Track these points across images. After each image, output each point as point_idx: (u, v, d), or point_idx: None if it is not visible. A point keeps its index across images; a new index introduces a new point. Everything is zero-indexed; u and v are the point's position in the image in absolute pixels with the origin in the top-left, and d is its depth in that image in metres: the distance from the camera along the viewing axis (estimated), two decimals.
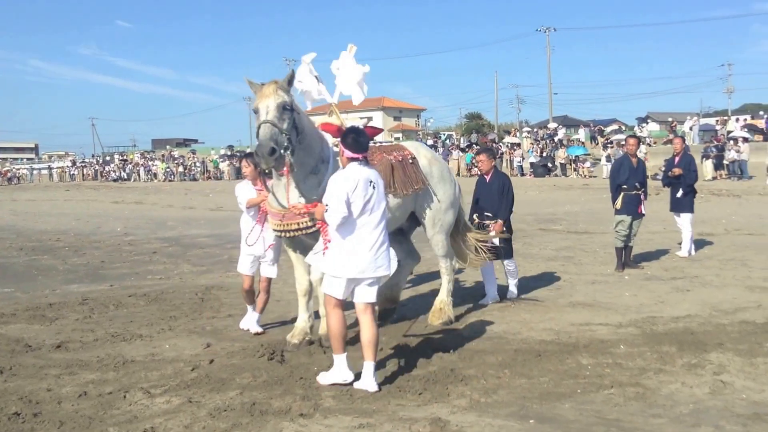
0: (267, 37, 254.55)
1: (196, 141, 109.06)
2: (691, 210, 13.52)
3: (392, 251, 6.59)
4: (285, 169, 7.10)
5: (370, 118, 12.83)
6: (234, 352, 7.61)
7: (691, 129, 49.24)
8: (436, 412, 5.67)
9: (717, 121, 56.89)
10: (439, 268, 9.06)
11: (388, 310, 8.82)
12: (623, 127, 64.11)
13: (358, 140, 6.41)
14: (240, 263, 8.60)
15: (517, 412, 5.67)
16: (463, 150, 47.15)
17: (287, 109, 6.94)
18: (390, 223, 7.58)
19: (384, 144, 9.19)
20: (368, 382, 6.30)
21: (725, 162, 34.96)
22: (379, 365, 6.85)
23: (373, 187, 6.33)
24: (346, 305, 6.62)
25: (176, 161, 66.45)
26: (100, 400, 6.21)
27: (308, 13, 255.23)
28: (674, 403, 5.76)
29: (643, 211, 12.27)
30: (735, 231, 16.83)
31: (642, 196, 12.20)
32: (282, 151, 6.79)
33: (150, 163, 68.70)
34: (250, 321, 8.61)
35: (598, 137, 55.25)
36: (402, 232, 9.00)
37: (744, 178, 33.74)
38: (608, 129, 61.10)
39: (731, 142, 35.59)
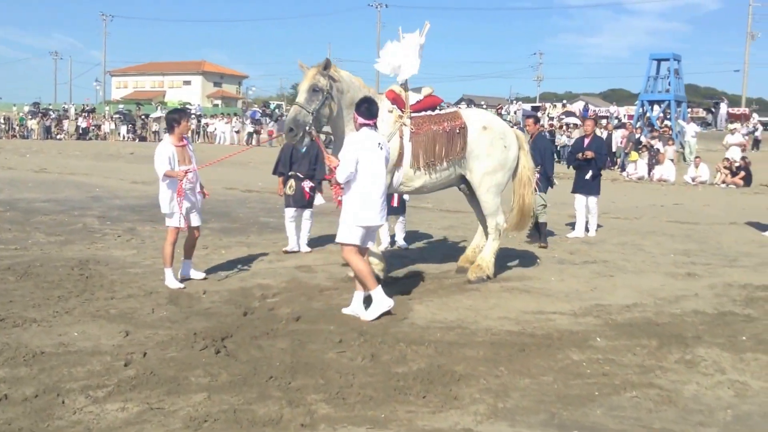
0: None
1: None
2: (598, 192, 13.57)
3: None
4: (315, 138, 8.27)
5: (431, 90, 12.45)
6: (164, 343, 6.44)
7: (515, 113, 50.88)
8: (460, 422, 4.89)
9: (539, 107, 59.26)
10: (488, 227, 9.47)
11: (466, 270, 9.50)
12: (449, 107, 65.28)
13: (370, 109, 7.47)
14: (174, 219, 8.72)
15: (549, 420, 4.98)
16: None
17: (316, 90, 8.11)
18: (435, 185, 9.19)
19: (440, 113, 9.27)
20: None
21: (556, 146, 36.10)
22: (348, 359, 6.11)
23: (381, 148, 7.41)
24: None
25: None
26: (30, 406, 4.95)
27: None
28: (709, 409, 5.27)
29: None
30: (602, 214, 17.01)
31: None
32: (303, 130, 8.06)
33: None
34: (194, 274, 9.02)
35: None
36: (473, 194, 9.59)
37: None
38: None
39: (563, 128, 36.86)
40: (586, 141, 13.70)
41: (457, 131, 8.97)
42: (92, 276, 9.05)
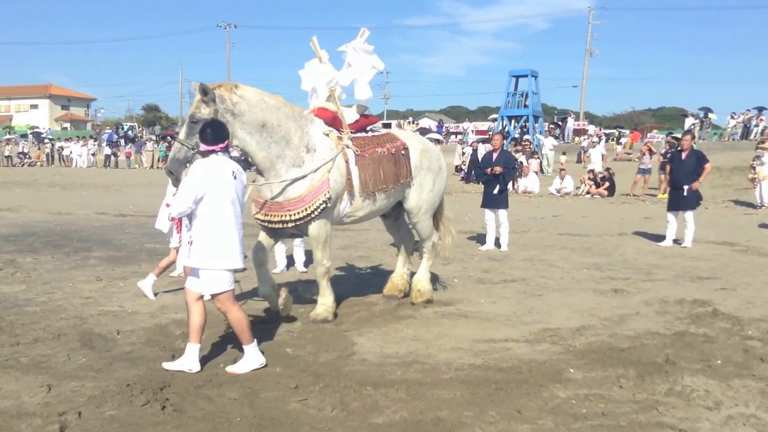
0: None
1: None
2: (507, 206, 13.37)
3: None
4: None
5: (366, 108, 11.49)
6: (96, 398, 5.31)
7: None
8: None
9: (389, 124, 59.82)
10: (422, 250, 9.07)
11: (394, 298, 8.98)
12: None
13: (215, 132, 6.13)
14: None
15: None
16: (157, 142, 44.90)
17: (196, 121, 6.78)
18: (378, 212, 8.34)
19: (377, 134, 8.45)
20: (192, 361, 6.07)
21: None
22: (316, 409, 5.17)
23: (235, 178, 6.07)
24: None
25: None
26: None
27: None
28: None
29: None
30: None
31: None
32: (184, 167, 6.73)
33: None
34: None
35: None
36: (394, 218, 9.14)
37: None
38: None
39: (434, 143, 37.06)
40: (495, 156, 13.46)
41: (402, 153, 8.27)
42: None
